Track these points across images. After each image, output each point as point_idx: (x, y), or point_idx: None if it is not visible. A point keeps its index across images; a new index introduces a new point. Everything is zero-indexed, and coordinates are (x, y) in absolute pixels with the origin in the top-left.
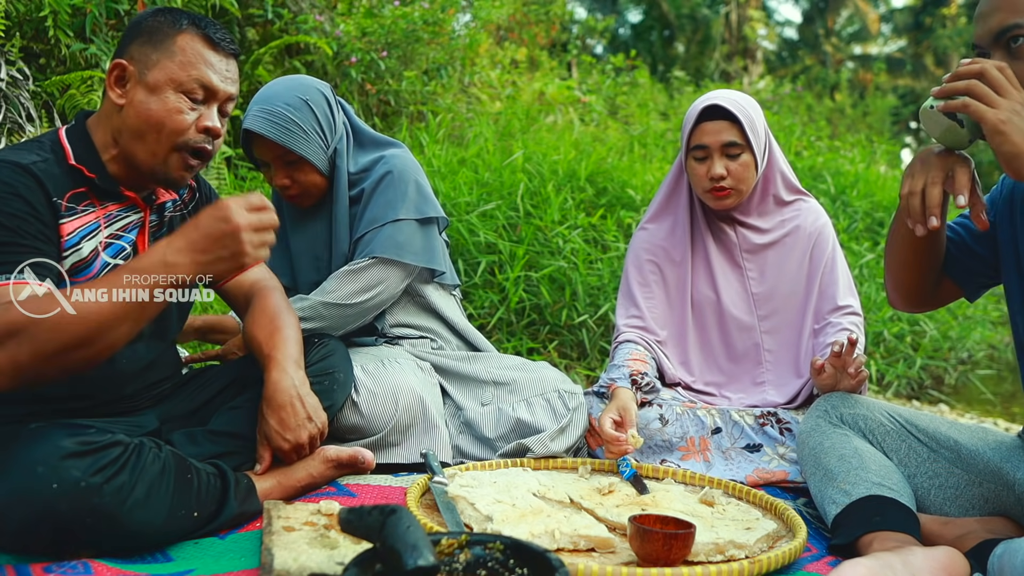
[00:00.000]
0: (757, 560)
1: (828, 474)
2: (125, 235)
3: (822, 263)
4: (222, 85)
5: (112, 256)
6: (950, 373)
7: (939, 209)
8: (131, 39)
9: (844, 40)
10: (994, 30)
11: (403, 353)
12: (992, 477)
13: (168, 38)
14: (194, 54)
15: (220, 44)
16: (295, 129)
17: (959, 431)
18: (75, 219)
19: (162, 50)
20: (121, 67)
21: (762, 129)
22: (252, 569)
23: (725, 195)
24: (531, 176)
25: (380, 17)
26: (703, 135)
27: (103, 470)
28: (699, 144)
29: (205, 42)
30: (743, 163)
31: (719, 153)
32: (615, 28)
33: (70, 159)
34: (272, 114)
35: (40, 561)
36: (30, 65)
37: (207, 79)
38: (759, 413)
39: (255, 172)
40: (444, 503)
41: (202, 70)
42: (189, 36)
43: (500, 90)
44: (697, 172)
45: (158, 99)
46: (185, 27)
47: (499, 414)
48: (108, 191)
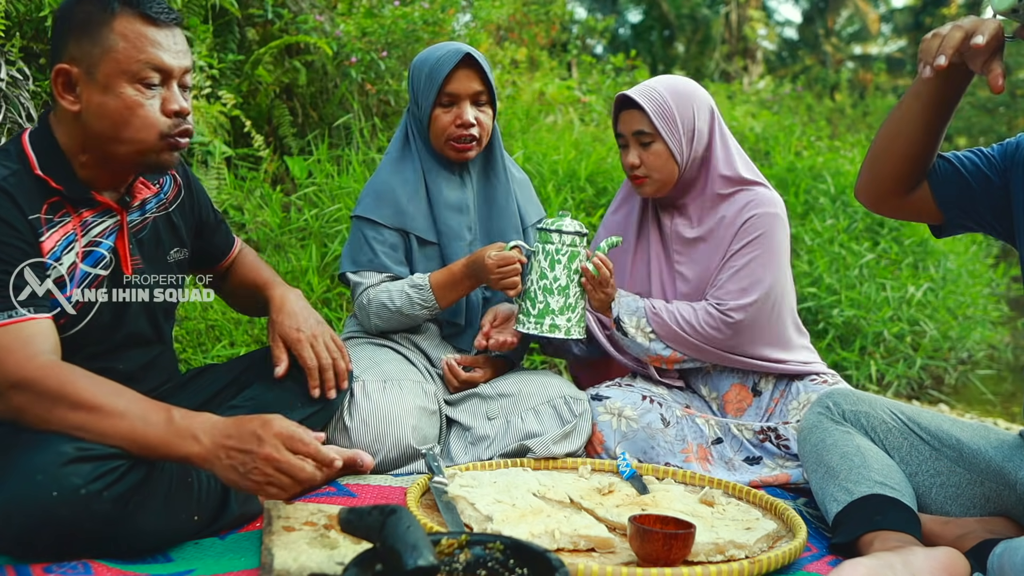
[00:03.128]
0: (757, 560)
1: (830, 471)
2: (103, 242)
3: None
4: (174, 61)
5: (91, 266)
6: (950, 373)
7: (952, 50)
8: (64, 37)
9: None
10: None
11: (412, 372)
12: (994, 476)
13: (104, 26)
14: (136, 37)
15: (159, 18)
16: (492, 74)
17: (961, 429)
18: (54, 232)
19: (101, 42)
20: (65, 72)
21: (686, 119)
22: (252, 569)
23: (641, 183)
24: (531, 176)
25: (380, 17)
26: (620, 124)
27: (103, 477)
28: (619, 132)
29: (143, 20)
30: (655, 152)
31: (634, 142)
32: (615, 28)
33: (35, 169)
34: (480, 54)
35: (40, 561)
36: (30, 65)
37: (158, 60)
38: (758, 428)
39: (255, 172)
40: (444, 503)
41: (150, 52)
42: (125, 19)
43: (500, 90)
44: (623, 160)
45: (114, 96)
46: (118, 9)
47: (507, 425)
48: (80, 199)
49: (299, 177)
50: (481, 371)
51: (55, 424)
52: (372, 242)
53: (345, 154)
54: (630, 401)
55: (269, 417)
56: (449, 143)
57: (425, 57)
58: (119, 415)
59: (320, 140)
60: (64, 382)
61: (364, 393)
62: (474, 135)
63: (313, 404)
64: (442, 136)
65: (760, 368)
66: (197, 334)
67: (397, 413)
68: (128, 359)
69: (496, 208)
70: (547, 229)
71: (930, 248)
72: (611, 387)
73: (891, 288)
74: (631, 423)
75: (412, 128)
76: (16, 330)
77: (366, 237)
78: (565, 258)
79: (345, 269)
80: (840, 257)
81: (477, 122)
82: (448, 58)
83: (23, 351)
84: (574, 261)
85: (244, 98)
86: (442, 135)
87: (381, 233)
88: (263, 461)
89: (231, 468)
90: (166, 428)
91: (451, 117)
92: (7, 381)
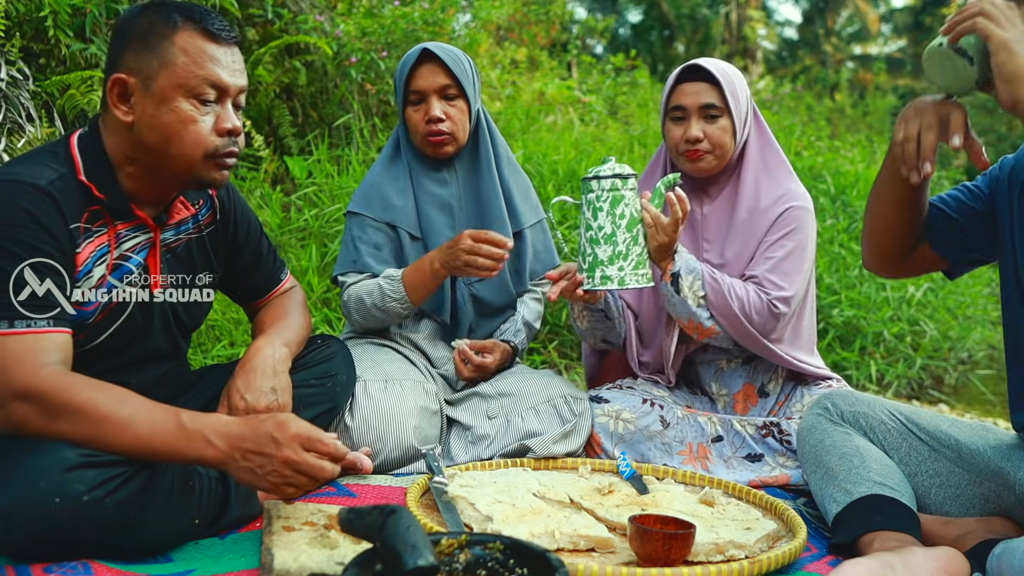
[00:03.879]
0: (757, 560)
1: (829, 472)
2: (133, 256)
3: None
4: (232, 79)
5: (118, 279)
6: (950, 373)
7: (933, 155)
8: (124, 47)
9: (844, 40)
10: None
11: (412, 372)
12: (993, 476)
13: (165, 39)
14: (197, 52)
15: (220, 35)
16: (465, 63)
17: (960, 430)
18: (90, 242)
19: (162, 55)
20: (122, 82)
21: (744, 98)
22: (252, 569)
23: (699, 157)
24: (531, 176)
25: (380, 17)
26: (682, 96)
27: (106, 483)
28: (677, 105)
29: (205, 36)
30: (721, 127)
31: (697, 115)
32: (615, 28)
33: (80, 175)
34: (447, 49)
35: (40, 561)
36: (30, 65)
37: (216, 77)
38: (761, 423)
39: (255, 172)
40: (444, 503)
41: (209, 69)
42: (187, 33)
43: (500, 90)
44: (673, 135)
45: (169, 109)
46: (180, 24)
47: (507, 424)
48: (119, 210)
49: (299, 177)
50: (491, 356)
51: (58, 436)
52: (357, 242)
53: (345, 154)
54: (629, 404)
55: (283, 418)
56: (425, 140)
57: (401, 59)
58: (124, 424)
59: (320, 140)
60: (69, 392)
61: (365, 393)
62: (444, 130)
63: (316, 406)
64: (417, 134)
65: (788, 364)
66: (197, 334)
67: (399, 413)
68: (142, 374)
69: (483, 205)
70: (586, 178)
71: None
72: (611, 390)
73: (891, 288)
74: (628, 426)
75: (400, 130)
76: (31, 340)
77: (353, 237)
78: (607, 204)
79: (335, 271)
80: (840, 257)
81: (447, 116)
82: (410, 56)
83: (32, 362)
84: (617, 206)
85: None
86: (416, 133)
87: (366, 232)
88: (282, 464)
89: (247, 470)
90: (176, 433)
91: (421, 114)
92: (11, 391)
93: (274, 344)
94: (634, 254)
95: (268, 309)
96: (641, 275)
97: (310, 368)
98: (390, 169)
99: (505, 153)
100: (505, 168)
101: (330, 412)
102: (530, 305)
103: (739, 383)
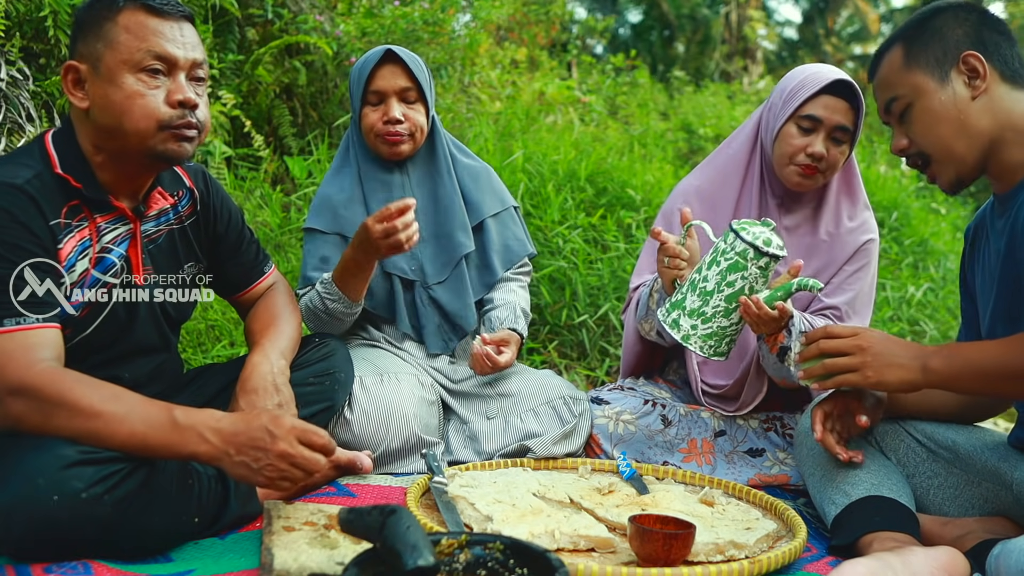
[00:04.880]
0: (757, 560)
1: (827, 474)
2: (115, 249)
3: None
4: (180, 51)
5: (102, 272)
6: None
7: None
8: (76, 37)
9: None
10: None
11: (407, 367)
12: (990, 477)
13: (108, 21)
14: (138, 28)
15: (163, 9)
16: (425, 69)
17: (957, 431)
18: (71, 237)
19: (106, 36)
20: (73, 69)
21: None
22: (252, 569)
23: (813, 174)
24: (531, 176)
25: (380, 17)
26: (820, 107)
27: (105, 480)
28: (811, 115)
29: (147, 12)
30: (842, 151)
31: (828, 132)
32: (615, 28)
33: (56, 168)
34: (408, 53)
35: (40, 561)
36: (30, 65)
37: (160, 48)
38: (764, 417)
39: (255, 172)
40: (444, 503)
41: (152, 40)
42: (129, 12)
43: (500, 90)
44: (792, 142)
45: (116, 87)
46: (123, 4)
47: (506, 425)
48: (97, 201)
49: (299, 177)
50: (509, 350)
51: (55, 431)
52: (307, 256)
53: None
54: (630, 405)
55: (276, 413)
56: (379, 138)
57: (359, 60)
58: (119, 419)
59: (320, 140)
60: (63, 388)
61: (362, 387)
62: (401, 132)
63: (315, 404)
64: (371, 133)
65: None
66: (197, 334)
67: (397, 403)
68: (134, 367)
69: (441, 208)
70: (731, 226)
71: (930, 248)
72: (612, 390)
73: (891, 288)
74: (628, 426)
75: (352, 135)
76: (21, 337)
77: (305, 252)
78: (725, 264)
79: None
80: None
81: (406, 118)
82: (372, 56)
83: (24, 358)
84: (734, 272)
85: (244, 98)
86: (371, 132)
87: (316, 244)
88: (277, 457)
89: (242, 464)
90: (170, 429)
91: (379, 114)
92: (6, 388)
93: (270, 358)
94: (715, 325)
95: (256, 313)
96: (708, 347)
97: (308, 367)
98: (337, 178)
99: (460, 147)
100: (465, 160)
101: (329, 410)
102: (519, 293)
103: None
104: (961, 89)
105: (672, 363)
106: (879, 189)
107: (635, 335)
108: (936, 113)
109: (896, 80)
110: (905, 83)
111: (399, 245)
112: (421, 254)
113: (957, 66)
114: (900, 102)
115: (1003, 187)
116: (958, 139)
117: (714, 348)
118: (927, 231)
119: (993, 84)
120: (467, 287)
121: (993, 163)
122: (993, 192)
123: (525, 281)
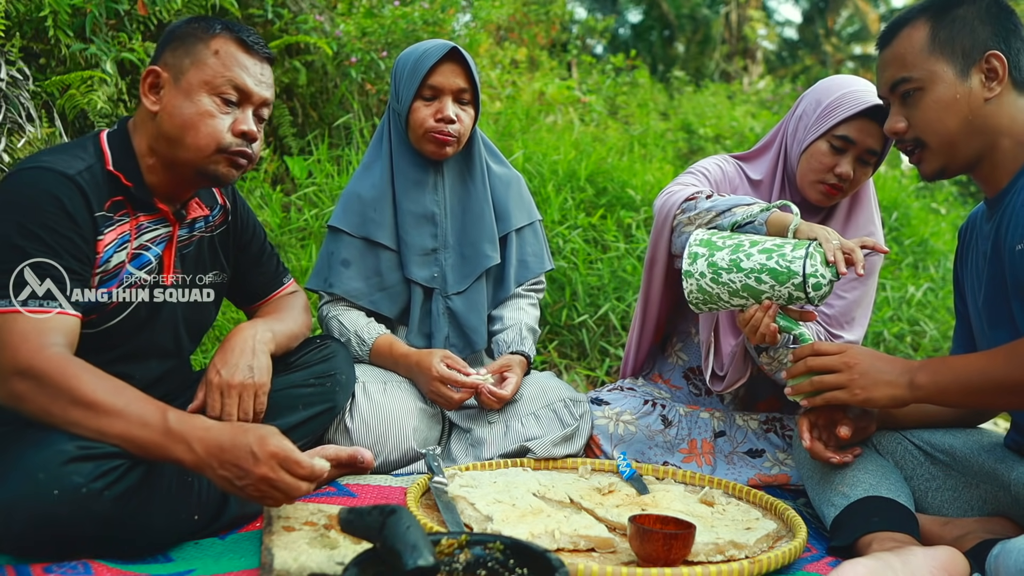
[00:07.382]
0: (757, 560)
1: (825, 477)
2: (152, 248)
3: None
4: (256, 88)
5: (137, 268)
6: None
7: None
8: (165, 46)
9: (844, 40)
10: (888, 83)
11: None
12: (988, 479)
13: (201, 42)
14: (227, 56)
15: (254, 47)
16: (478, 76)
17: (954, 435)
18: (111, 230)
19: (195, 54)
20: (155, 73)
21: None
22: (252, 569)
23: (836, 194)
24: (531, 176)
25: (380, 17)
26: (855, 129)
27: (105, 476)
28: (846, 136)
29: (238, 45)
30: (866, 173)
31: (856, 154)
32: (615, 28)
33: (108, 164)
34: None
35: (40, 561)
36: (30, 65)
37: (240, 81)
38: (763, 418)
39: (255, 172)
40: (444, 503)
41: (235, 72)
42: (222, 39)
43: (500, 90)
44: (823, 160)
45: (191, 102)
46: (219, 31)
47: (507, 430)
48: (142, 201)
49: (299, 177)
50: (514, 376)
51: (53, 417)
52: (328, 255)
53: (345, 154)
54: (630, 406)
55: (264, 433)
56: (428, 135)
57: (411, 50)
58: (115, 414)
59: (320, 140)
60: (67, 375)
61: (365, 394)
62: (452, 132)
63: (316, 405)
64: (420, 129)
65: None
66: None
67: (398, 414)
68: (146, 368)
69: (471, 217)
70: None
71: (930, 248)
72: (612, 391)
73: (891, 288)
74: (628, 427)
75: (390, 126)
76: (38, 320)
77: (328, 252)
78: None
79: (307, 283)
80: None
81: (458, 119)
82: (435, 50)
83: (37, 340)
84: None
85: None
86: (420, 128)
87: (340, 246)
88: (258, 480)
89: (223, 478)
90: (160, 431)
91: (431, 110)
92: (14, 367)
93: (257, 327)
94: (717, 291)
95: (266, 307)
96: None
97: (309, 367)
98: (367, 174)
99: (496, 154)
100: (497, 169)
101: (330, 412)
102: (528, 311)
103: (765, 393)
104: (977, 87)
105: (671, 339)
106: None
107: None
108: (947, 106)
109: (914, 61)
110: (923, 67)
111: (440, 402)
112: (444, 262)
113: (979, 63)
114: (910, 84)
115: (991, 191)
116: (961, 136)
117: (698, 300)
118: (927, 231)
119: (1006, 88)
120: (484, 301)
121: (985, 165)
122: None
123: (536, 298)
